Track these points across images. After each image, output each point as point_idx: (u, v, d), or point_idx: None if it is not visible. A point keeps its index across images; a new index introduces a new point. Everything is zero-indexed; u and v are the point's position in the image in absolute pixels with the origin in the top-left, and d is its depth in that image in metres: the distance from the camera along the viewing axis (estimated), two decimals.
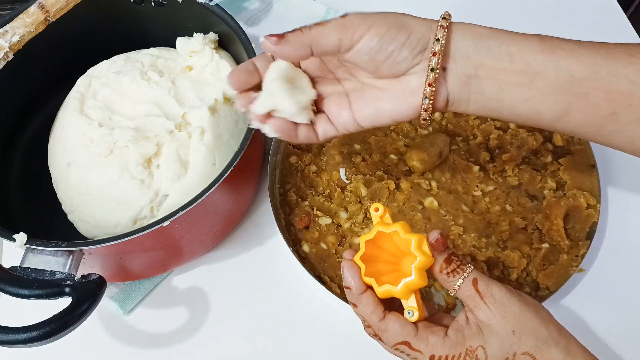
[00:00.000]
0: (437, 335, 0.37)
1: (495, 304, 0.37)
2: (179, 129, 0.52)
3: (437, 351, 0.37)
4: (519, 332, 0.37)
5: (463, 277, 0.38)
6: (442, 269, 0.38)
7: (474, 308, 0.38)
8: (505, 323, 0.37)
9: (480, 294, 0.37)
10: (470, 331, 0.37)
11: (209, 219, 0.52)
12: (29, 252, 0.44)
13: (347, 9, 0.73)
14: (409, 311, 0.38)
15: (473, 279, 0.38)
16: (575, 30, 0.74)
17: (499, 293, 0.38)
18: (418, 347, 0.37)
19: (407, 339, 0.37)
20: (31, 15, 0.52)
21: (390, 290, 0.37)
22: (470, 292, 0.38)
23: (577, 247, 0.54)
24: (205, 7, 0.55)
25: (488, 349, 0.36)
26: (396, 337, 0.38)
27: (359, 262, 0.39)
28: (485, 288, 0.38)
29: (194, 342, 0.53)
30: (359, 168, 0.59)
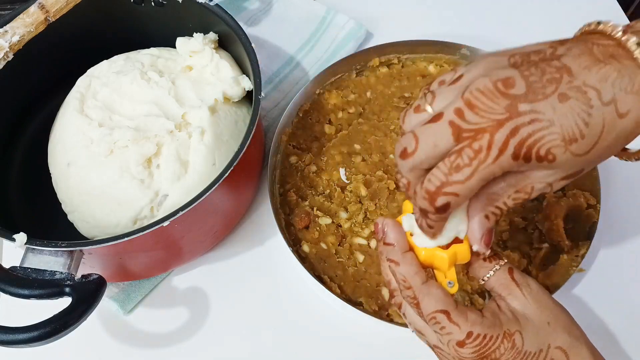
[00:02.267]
0: (476, 313, 0.36)
1: (532, 294, 0.37)
2: (179, 129, 0.52)
3: (475, 329, 0.35)
4: (553, 325, 0.36)
5: (499, 264, 0.37)
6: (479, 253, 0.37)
7: (508, 296, 0.37)
8: (541, 313, 0.36)
9: (517, 283, 0.37)
10: (506, 317, 0.36)
11: (209, 219, 0.52)
12: (29, 252, 0.44)
13: (347, 9, 0.73)
14: (450, 282, 0.36)
15: (509, 268, 0.37)
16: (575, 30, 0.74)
17: (534, 285, 0.37)
18: (457, 321, 0.35)
19: (447, 308, 0.35)
20: (31, 15, 0.52)
21: (437, 255, 0.36)
22: (505, 280, 0.37)
23: (577, 247, 0.54)
24: (205, 7, 0.55)
25: (525, 335, 0.35)
26: (437, 304, 0.35)
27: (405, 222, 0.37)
28: (521, 278, 0.37)
29: (194, 342, 0.53)
30: (359, 168, 0.59)
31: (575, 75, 0.29)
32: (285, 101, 0.66)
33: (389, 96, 0.64)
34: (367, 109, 0.64)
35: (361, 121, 0.62)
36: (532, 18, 0.75)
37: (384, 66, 0.66)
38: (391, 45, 0.65)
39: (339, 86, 0.65)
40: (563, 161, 0.30)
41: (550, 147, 0.29)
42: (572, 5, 0.76)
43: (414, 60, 0.66)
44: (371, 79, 0.65)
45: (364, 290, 0.52)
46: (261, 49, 0.69)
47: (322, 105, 0.63)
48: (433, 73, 0.65)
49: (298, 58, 0.70)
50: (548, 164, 0.30)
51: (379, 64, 0.65)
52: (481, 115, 0.29)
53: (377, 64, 0.65)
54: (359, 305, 0.51)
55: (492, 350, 0.35)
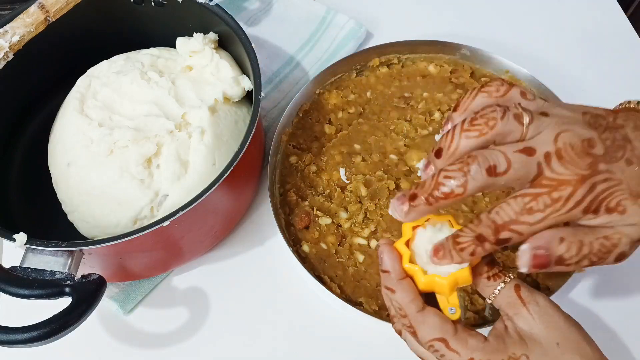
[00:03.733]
0: (477, 338, 0.35)
1: (539, 313, 0.35)
2: (179, 129, 0.52)
3: (476, 355, 0.34)
4: (563, 346, 0.34)
5: (504, 282, 0.36)
6: (484, 272, 0.37)
7: (515, 316, 0.35)
8: (549, 334, 0.34)
9: (523, 301, 0.35)
10: (512, 339, 0.35)
11: (209, 219, 0.52)
12: (29, 252, 0.44)
13: (347, 9, 0.73)
14: (452, 308, 0.35)
15: (515, 284, 0.36)
16: (575, 30, 0.74)
17: (543, 301, 0.36)
18: (455, 348, 0.34)
19: (445, 336, 0.34)
20: (31, 15, 0.52)
21: (436, 281, 0.35)
22: (511, 299, 0.36)
23: None
24: (205, 7, 0.55)
25: (532, 358, 0.34)
26: (434, 332, 0.35)
27: (403, 248, 0.37)
28: (528, 295, 0.36)
29: (194, 342, 0.53)
30: (359, 168, 0.59)
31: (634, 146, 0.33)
32: (285, 101, 0.66)
33: (389, 96, 0.64)
34: (367, 109, 0.64)
35: (361, 121, 0.62)
36: (532, 18, 0.75)
37: (384, 66, 0.66)
38: (391, 45, 0.65)
39: (339, 86, 0.65)
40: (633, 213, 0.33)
41: (620, 200, 0.32)
42: (572, 6, 0.76)
43: (414, 60, 0.66)
44: (371, 79, 0.65)
45: (364, 290, 0.52)
46: (261, 49, 0.69)
47: (322, 105, 0.63)
48: (433, 73, 0.65)
49: (298, 58, 0.70)
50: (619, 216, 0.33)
51: (379, 64, 0.65)
52: (567, 167, 0.32)
53: (377, 64, 0.65)
54: (359, 305, 0.51)
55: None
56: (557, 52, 0.71)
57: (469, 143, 0.34)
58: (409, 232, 0.37)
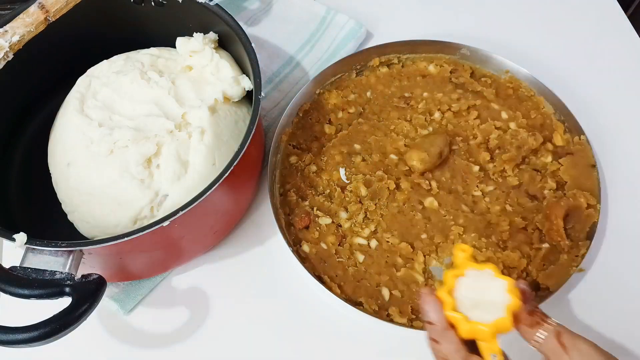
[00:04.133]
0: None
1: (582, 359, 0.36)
2: (179, 128, 0.52)
3: None
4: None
5: (545, 330, 0.37)
6: (525, 321, 0.37)
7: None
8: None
9: (565, 348, 0.36)
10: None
11: (209, 219, 0.52)
12: (29, 252, 0.44)
13: (347, 9, 0.73)
14: (494, 355, 0.36)
15: (557, 331, 0.37)
16: (575, 30, 0.74)
17: (585, 348, 0.36)
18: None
19: None
20: (31, 15, 0.52)
21: (478, 329, 0.36)
22: (553, 346, 0.36)
23: (577, 247, 0.54)
24: (205, 7, 0.55)
25: None
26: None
27: (446, 297, 0.38)
28: (570, 341, 0.36)
29: (194, 341, 0.53)
30: (359, 168, 0.59)
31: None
32: (285, 101, 0.66)
33: (389, 96, 0.64)
34: (367, 108, 0.64)
35: (361, 121, 0.62)
36: (532, 18, 0.75)
37: (384, 66, 0.66)
38: (391, 45, 0.65)
39: (339, 86, 0.65)
40: None
41: None
42: (572, 6, 0.76)
43: (414, 60, 0.66)
44: (371, 78, 0.65)
45: (364, 290, 0.52)
46: (261, 49, 0.69)
47: (322, 105, 0.63)
48: (433, 73, 0.65)
49: (298, 58, 0.70)
50: None
51: (379, 64, 0.65)
52: None
53: (377, 64, 0.65)
54: (359, 305, 0.51)
55: None
56: (557, 52, 0.71)
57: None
58: (451, 280, 0.38)
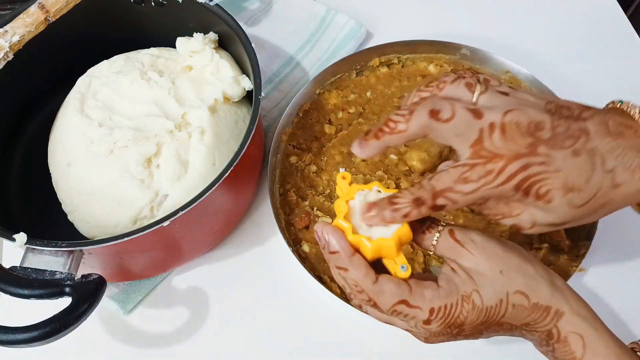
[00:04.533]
0: (431, 288, 0.36)
1: (477, 249, 0.36)
2: (179, 129, 0.52)
3: (435, 303, 0.35)
4: (506, 272, 0.36)
5: (439, 231, 0.37)
6: (418, 227, 0.38)
7: (458, 258, 0.37)
8: (491, 265, 0.36)
9: (460, 243, 0.37)
10: (460, 278, 0.36)
11: (209, 219, 0.52)
12: (29, 252, 0.44)
13: (347, 9, 0.73)
14: (402, 266, 0.36)
15: (449, 230, 0.37)
16: (575, 30, 0.74)
17: (478, 238, 0.37)
18: (416, 304, 0.36)
19: (403, 297, 0.36)
20: (31, 15, 0.52)
21: (382, 245, 0.36)
22: (449, 244, 0.37)
23: (577, 247, 0.54)
24: (205, 7, 0.55)
25: (482, 292, 0.36)
26: (393, 298, 0.36)
27: (343, 223, 0.37)
28: (463, 236, 0.37)
29: (194, 342, 0.53)
30: (359, 168, 0.59)
31: (590, 139, 0.34)
32: (285, 101, 0.66)
33: (389, 96, 0.64)
34: (367, 109, 0.64)
35: (361, 121, 0.62)
36: (532, 18, 0.75)
37: (384, 66, 0.66)
38: (391, 45, 0.65)
39: (339, 86, 0.65)
40: (557, 206, 0.34)
41: (552, 189, 0.33)
42: (572, 5, 0.76)
43: (414, 60, 0.66)
44: (371, 79, 0.65)
45: None
46: (261, 49, 0.69)
47: (322, 105, 0.63)
48: (433, 73, 0.65)
49: (298, 58, 0.70)
50: (544, 204, 0.34)
51: (379, 64, 0.65)
52: (506, 142, 0.34)
53: (377, 64, 0.65)
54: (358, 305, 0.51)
55: (456, 317, 0.36)
56: (557, 52, 0.71)
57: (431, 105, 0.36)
58: (344, 207, 0.38)
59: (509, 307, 0.36)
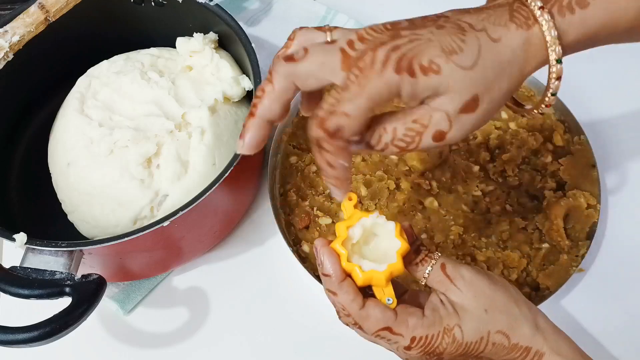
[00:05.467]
0: (416, 316, 0.37)
1: (466, 285, 0.37)
2: (179, 129, 0.52)
3: (417, 332, 0.37)
4: (491, 311, 0.37)
5: (431, 265, 0.38)
6: (412, 259, 0.38)
7: (446, 291, 0.38)
8: (477, 302, 0.37)
9: (450, 278, 0.38)
10: (446, 311, 0.37)
11: (209, 219, 0.52)
12: (29, 252, 0.44)
13: (347, 9, 0.73)
14: (389, 298, 0.37)
15: (441, 264, 0.38)
16: None
17: (468, 274, 0.38)
18: (399, 331, 0.37)
19: (388, 324, 0.37)
20: (31, 15, 0.52)
21: (373, 276, 0.37)
22: (440, 278, 0.38)
23: (577, 247, 0.54)
24: (205, 7, 0.55)
25: (464, 327, 0.36)
26: (377, 324, 0.37)
27: (340, 249, 0.38)
28: (453, 271, 0.38)
29: (194, 342, 0.53)
30: (359, 168, 0.59)
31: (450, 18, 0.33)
32: None
33: None
34: None
35: None
36: None
37: None
38: None
39: None
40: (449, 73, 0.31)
41: (432, 57, 0.31)
42: None
43: None
44: None
45: None
46: (261, 49, 0.69)
47: None
48: None
49: None
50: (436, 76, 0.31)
51: None
52: (367, 42, 0.32)
53: None
54: None
55: (435, 347, 0.37)
56: None
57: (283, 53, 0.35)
58: (343, 232, 0.38)
59: (488, 345, 0.37)
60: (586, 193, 0.56)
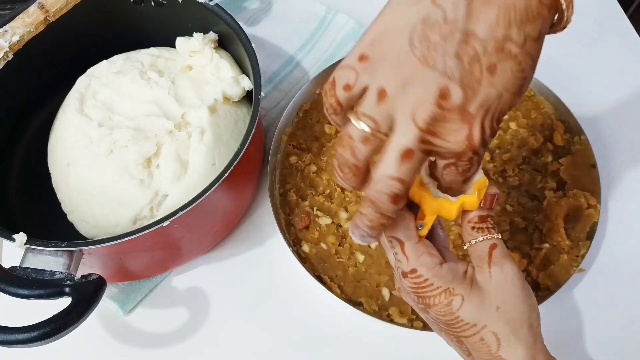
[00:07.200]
0: (432, 258, 0.36)
1: (498, 276, 0.35)
2: (178, 128, 0.52)
3: (421, 269, 0.35)
4: (501, 313, 0.35)
5: (484, 237, 0.37)
6: (472, 221, 0.37)
7: (477, 268, 0.36)
8: (495, 297, 0.35)
9: (490, 259, 0.36)
10: (461, 279, 0.35)
11: (209, 219, 0.52)
12: (29, 252, 0.44)
13: (347, 8, 0.73)
14: (421, 224, 0.36)
15: (493, 243, 0.36)
16: (575, 30, 0.74)
17: (509, 269, 0.36)
18: (408, 254, 0.35)
19: (404, 240, 0.35)
20: (31, 15, 0.52)
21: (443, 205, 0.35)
22: (482, 253, 0.36)
23: (578, 247, 0.54)
24: (205, 6, 0.55)
25: (466, 303, 0.35)
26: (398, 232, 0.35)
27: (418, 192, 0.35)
28: (499, 257, 0.36)
29: (194, 342, 0.53)
30: None
31: None
32: (285, 101, 0.66)
33: None
34: None
35: None
36: None
37: None
38: None
39: None
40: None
41: None
42: None
43: None
44: None
45: (364, 291, 0.52)
46: (261, 49, 0.69)
47: (322, 105, 0.63)
48: None
49: (298, 58, 0.70)
50: None
51: None
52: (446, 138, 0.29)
53: None
54: (359, 305, 0.51)
55: (427, 295, 0.35)
56: (557, 51, 0.71)
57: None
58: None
59: (477, 336, 0.35)
60: (586, 193, 0.56)
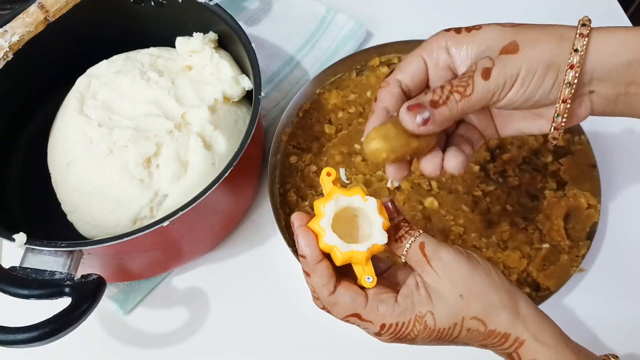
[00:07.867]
0: (387, 303, 0.36)
1: (443, 268, 0.36)
2: (178, 128, 0.52)
3: (387, 320, 0.36)
4: (467, 297, 0.36)
5: (410, 242, 0.37)
6: (392, 235, 0.37)
7: (422, 272, 0.37)
8: (452, 287, 0.36)
9: (427, 258, 0.36)
10: (419, 297, 0.36)
11: (208, 219, 0.52)
12: (29, 252, 0.44)
13: (347, 8, 0.73)
14: (368, 277, 0.36)
15: (420, 242, 0.37)
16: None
17: (446, 256, 0.36)
18: (368, 318, 0.36)
19: (357, 311, 0.36)
20: (31, 15, 0.52)
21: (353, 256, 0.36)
22: (417, 257, 0.37)
23: (578, 247, 0.54)
24: (205, 6, 0.55)
25: (436, 314, 0.36)
26: (346, 311, 0.37)
27: (317, 228, 0.37)
28: (432, 252, 0.37)
29: (193, 342, 0.53)
30: (359, 168, 0.59)
31: None
32: (285, 101, 0.66)
33: None
34: (367, 108, 0.63)
35: (361, 121, 0.62)
36: (532, 18, 0.74)
37: (384, 66, 0.66)
38: (391, 45, 0.65)
39: (339, 86, 0.65)
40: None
41: None
42: (573, 6, 0.75)
43: None
44: (371, 78, 0.65)
45: None
46: (261, 49, 0.69)
47: (322, 105, 0.63)
48: None
49: (298, 58, 0.70)
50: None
51: (379, 64, 0.65)
52: None
53: (377, 64, 0.65)
54: None
55: (407, 333, 0.36)
56: None
57: None
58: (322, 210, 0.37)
59: (463, 331, 0.36)
60: (587, 193, 0.56)
